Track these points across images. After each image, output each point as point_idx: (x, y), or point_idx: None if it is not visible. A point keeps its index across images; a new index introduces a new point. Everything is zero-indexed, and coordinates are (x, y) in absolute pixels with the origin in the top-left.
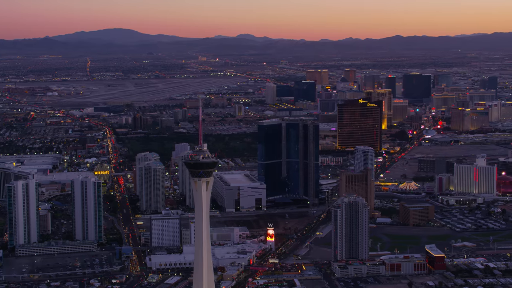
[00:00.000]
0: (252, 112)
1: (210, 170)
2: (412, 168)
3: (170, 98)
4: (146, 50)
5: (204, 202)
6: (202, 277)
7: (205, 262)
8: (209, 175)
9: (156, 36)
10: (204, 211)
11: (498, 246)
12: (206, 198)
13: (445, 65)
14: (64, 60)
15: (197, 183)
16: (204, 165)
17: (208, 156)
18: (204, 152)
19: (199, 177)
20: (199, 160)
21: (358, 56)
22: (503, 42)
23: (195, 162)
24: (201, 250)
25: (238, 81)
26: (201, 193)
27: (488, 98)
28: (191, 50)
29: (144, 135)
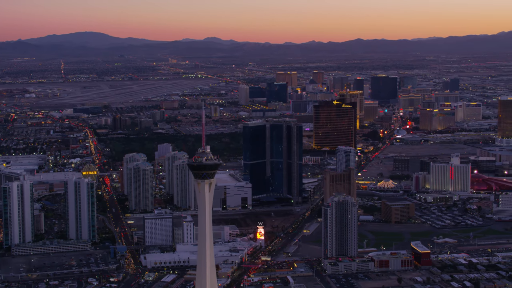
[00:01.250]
0: (227, 113)
1: (213, 171)
2: (387, 166)
3: (145, 99)
4: (118, 52)
5: (207, 202)
6: (205, 275)
7: (208, 260)
8: (212, 177)
9: (127, 39)
10: (207, 212)
11: (478, 242)
12: (209, 199)
13: (406, 68)
14: (38, 63)
15: (200, 184)
16: (207, 167)
17: (211, 158)
18: (207, 154)
19: (202, 179)
20: (202, 162)
21: (323, 59)
22: (458, 46)
23: (198, 164)
24: (204, 248)
25: (210, 82)
26: (204, 194)
27: (453, 99)
28: (160, 52)
29: (125, 135)
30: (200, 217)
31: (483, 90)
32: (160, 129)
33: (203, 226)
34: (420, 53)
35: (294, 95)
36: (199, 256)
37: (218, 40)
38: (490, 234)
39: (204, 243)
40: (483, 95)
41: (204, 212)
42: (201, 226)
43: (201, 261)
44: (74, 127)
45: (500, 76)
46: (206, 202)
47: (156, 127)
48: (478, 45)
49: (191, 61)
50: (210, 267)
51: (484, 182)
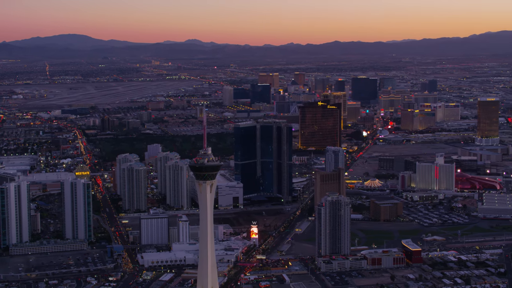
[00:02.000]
0: (212, 114)
1: (215, 173)
2: (372, 166)
3: (131, 100)
4: (101, 54)
5: (208, 203)
6: (207, 274)
7: (209, 260)
8: (213, 178)
9: (109, 41)
10: (209, 212)
11: (466, 240)
12: (210, 199)
13: (383, 69)
14: (23, 65)
15: (202, 185)
16: (209, 168)
17: (213, 159)
18: (209, 155)
19: (204, 180)
20: (204, 163)
21: (302, 60)
22: (431, 48)
23: (200, 165)
24: (205, 248)
25: (193, 84)
26: (206, 195)
27: (432, 100)
28: (143, 54)
29: (113, 136)
30: (202, 217)
31: (460, 91)
32: (148, 130)
33: (205, 226)
34: (396, 55)
35: (277, 96)
36: (201, 256)
37: (199, 42)
38: (476, 231)
39: (205, 243)
40: (459, 96)
41: (206, 213)
42: (203, 226)
43: (202, 260)
44: (63, 128)
45: (474, 77)
46: (207, 203)
47: (144, 127)
48: (451, 47)
49: (174, 62)
50: (212, 266)
51: (468, 181)
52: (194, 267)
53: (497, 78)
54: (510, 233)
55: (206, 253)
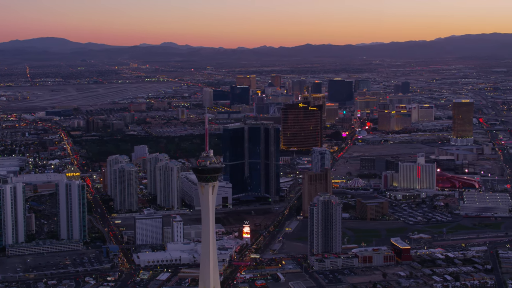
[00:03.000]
0: (193, 115)
1: (217, 175)
2: (353, 166)
3: (113, 102)
4: (79, 57)
5: (210, 204)
6: (209, 274)
7: (211, 260)
8: (215, 180)
9: (87, 44)
10: (211, 213)
11: (451, 237)
12: (212, 201)
13: (356, 71)
14: (3, 67)
15: (204, 187)
16: (211, 170)
17: (215, 161)
18: (211, 158)
19: (206, 182)
20: (206, 165)
21: (276, 63)
22: (400, 51)
23: (202, 167)
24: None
25: (172, 86)
26: (208, 196)
27: (406, 102)
28: (120, 57)
29: (98, 137)
30: (204, 218)
31: (430, 93)
32: (132, 131)
33: (207, 226)
34: (366, 58)
35: (256, 98)
36: (203, 256)
37: (175, 45)
38: (460, 229)
39: (207, 243)
40: (431, 97)
41: (208, 213)
42: (205, 227)
43: (204, 260)
44: (48, 130)
45: (443, 79)
46: (209, 204)
47: (128, 129)
48: (418, 50)
49: (151, 65)
50: (213, 266)
51: (448, 180)
52: (189, 267)
53: (465, 80)
54: (493, 230)
55: (208, 253)
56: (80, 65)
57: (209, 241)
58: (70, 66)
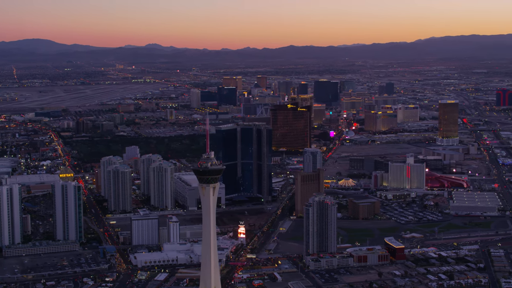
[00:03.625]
0: (181, 116)
1: (218, 176)
2: (342, 166)
3: (101, 103)
4: (65, 58)
5: (211, 205)
6: (210, 274)
7: (212, 260)
8: (216, 181)
9: (72, 45)
10: (212, 214)
11: (443, 236)
12: (213, 202)
13: (339, 72)
14: None
15: (205, 188)
16: (212, 172)
17: (216, 163)
18: (212, 159)
19: (208, 183)
20: (208, 167)
21: (260, 64)
22: (381, 52)
23: (204, 169)
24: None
25: (159, 87)
26: (209, 197)
27: (391, 102)
28: (106, 58)
29: (89, 138)
30: (205, 219)
31: (414, 93)
32: (122, 132)
33: (208, 227)
34: (348, 59)
35: (242, 99)
36: (204, 256)
37: (159, 47)
38: (451, 228)
39: (208, 244)
40: (414, 98)
41: (209, 215)
42: (206, 228)
43: (205, 260)
44: (38, 131)
45: (425, 80)
46: (210, 205)
47: (117, 129)
48: (399, 52)
49: (137, 66)
50: (214, 266)
51: (437, 180)
52: (187, 267)
53: (447, 81)
54: (483, 229)
55: (209, 254)
56: (67, 66)
57: (210, 241)
58: (57, 68)
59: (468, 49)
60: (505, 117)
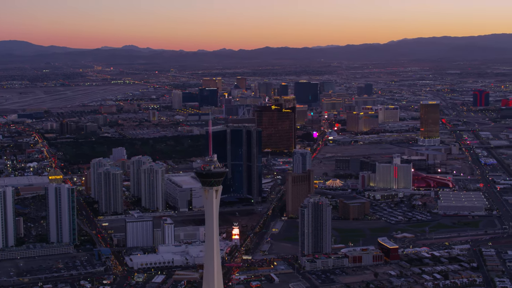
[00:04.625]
0: (164, 117)
1: (221, 179)
2: (328, 166)
3: (82, 104)
4: (43, 60)
5: (214, 208)
6: (213, 277)
7: (215, 263)
8: (219, 184)
9: (50, 47)
10: (215, 217)
11: (434, 236)
12: (216, 204)
13: (316, 73)
14: None
15: (208, 191)
16: (215, 175)
17: (219, 166)
18: (215, 162)
19: (211, 186)
20: (211, 170)
21: (237, 65)
22: (355, 53)
23: (207, 172)
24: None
25: (138, 88)
26: (212, 200)
27: (371, 103)
28: (84, 60)
29: (73, 140)
30: (208, 222)
31: (391, 94)
32: (106, 133)
33: (211, 230)
34: (324, 60)
35: (224, 100)
36: (207, 258)
37: (136, 48)
38: (441, 228)
39: (212, 246)
40: (392, 99)
41: (212, 217)
42: (209, 230)
43: (208, 263)
44: (22, 132)
45: (401, 81)
46: (214, 208)
47: (101, 131)
48: (373, 53)
49: (115, 67)
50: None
51: (423, 180)
52: (183, 269)
53: (422, 82)
54: (472, 228)
55: (212, 256)
56: (45, 67)
57: (214, 244)
58: (35, 69)
59: (440, 50)
60: (482, 118)
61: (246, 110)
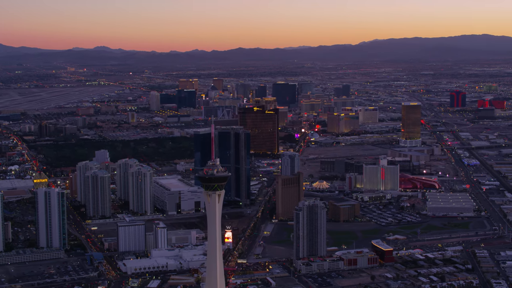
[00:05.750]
0: (143, 119)
1: (224, 183)
2: (312, 168)
3: (59, 106)
4: (14, 61)
5: (217, 213)
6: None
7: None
8: (222, 188)
9: (20, 48)
10: (217, 222)
11: (426, 238)
12: (218, 209)
13: (291, 74)
14: None
15: (211, 196)
16: (218, 179)
17: (221, 170)
18: (217, 166)
19: (214, 191)
20: (214, 174)
21: (211, 66)
22: (328, 54)
23: (210, 176)
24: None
25: (114, 89)
26: (215, 205)
27: (349, 104)
28: (56, 61)
29: (53, 142)
30: (210, 227)
31: (368, 95)
32: (85, 135)
33: (214, 235)
34: (297, 61)
35: (202, 101)
36: (209, 264)
37: (108, 49)
38: (431, 229)
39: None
40: (369, 100)
41: (215, 222)
42: (211, 236)
43: (211, 268)
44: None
45: (376, 82)
46: (216, 213)
47: (81, 133)
48: (345, 54)
49: (88, 69)
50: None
51: (409, 181)
52: (178, 273)
53: (397, 83)
54: (463, 230)
55: (215, 262)
56: (17, 69)
57: (216, 250)
58: (7, 70)
59: (412, 51)
60: (460, 118)
61: (226, 112)
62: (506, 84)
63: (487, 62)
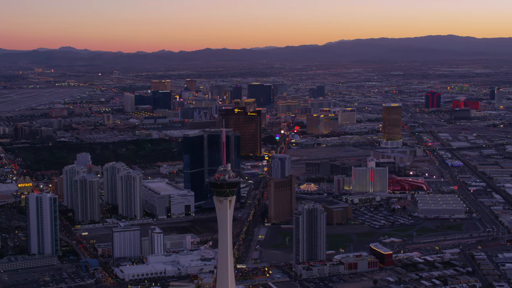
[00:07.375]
0: (118, 120)
1: (235, 189)
2: (297, 170)
3: (30, 108)
4: None
5: (228, 218)
6: None
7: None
8: (233, 194)
9: None
10: (229, 228)
11: (421, 240)
12: (230, 215)
13: (261, 75)
14: None
15: (222, 202)
16: (230, 185)
17: (233, 175)
18: (229, 172)
19: (225, 196)
20: (225, 180)
21: (180, 67)
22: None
23: (222, 182)
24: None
25: (85, 91)
26: (226, 211)
27: (326, 105)
28: (21, 61)
29: (30, 145)
30: (221, 233)
31: (341, 96)
32: (62, 138)
33: (225, 241)
34: (266, 61)
35: (176, 103)
36: (220, 271)
37: (74, 49)
38: (425, 232)
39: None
40: (343, 100)
41: (226, 228)
42: (223, 242)
43: (222, 276)
44: None
45: (348, 82)
46: (228, 219)
47: (57, 135)
48: (312, 54)
49: (55, 70)
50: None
51: (397, 183)
52: (178, 279)
53: (369, 84)
54: (457, 232)
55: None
56: None
57: (227, 257)
58: None
59: (379, 52)
60: (437, 119)
61: (203, 113)
62: (476, 85)
63: (455, 63)
